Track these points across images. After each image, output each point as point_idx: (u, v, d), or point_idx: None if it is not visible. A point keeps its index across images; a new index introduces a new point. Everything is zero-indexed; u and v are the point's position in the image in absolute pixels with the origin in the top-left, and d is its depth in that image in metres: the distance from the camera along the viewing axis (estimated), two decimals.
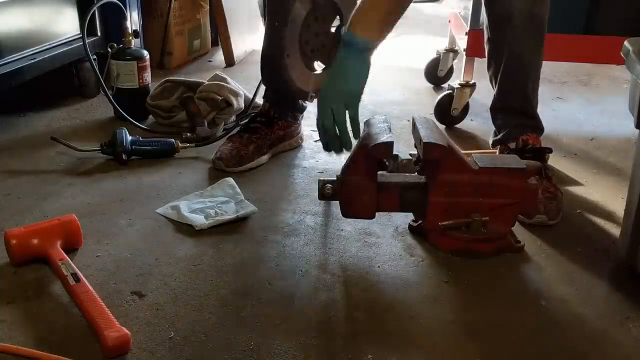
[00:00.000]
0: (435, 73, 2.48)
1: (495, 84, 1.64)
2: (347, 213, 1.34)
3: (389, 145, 1.23)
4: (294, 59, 1.60)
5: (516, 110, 1.62)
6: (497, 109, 1.66)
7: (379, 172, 1.31)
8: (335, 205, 1.38)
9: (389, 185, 1.31)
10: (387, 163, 1.32)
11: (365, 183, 1.28)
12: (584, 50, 1.96)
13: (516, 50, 1.56)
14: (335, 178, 1.32)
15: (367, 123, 1.35)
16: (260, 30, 2.94)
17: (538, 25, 1.55)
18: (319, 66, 1.68)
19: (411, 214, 1.40)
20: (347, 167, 1.30)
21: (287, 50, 1.57)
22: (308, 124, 1.90)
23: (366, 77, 1.31)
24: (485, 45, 1.65)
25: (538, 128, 1.63)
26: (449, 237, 1.29)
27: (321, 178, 1.34)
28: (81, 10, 2.08)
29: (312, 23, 1.63)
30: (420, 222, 1.36)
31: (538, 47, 1.58)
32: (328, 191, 1.32)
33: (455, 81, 2.04)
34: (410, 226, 1.39)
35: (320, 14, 1.63)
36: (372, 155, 1.26)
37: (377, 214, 1.34)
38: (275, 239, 1.33)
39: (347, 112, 1.32)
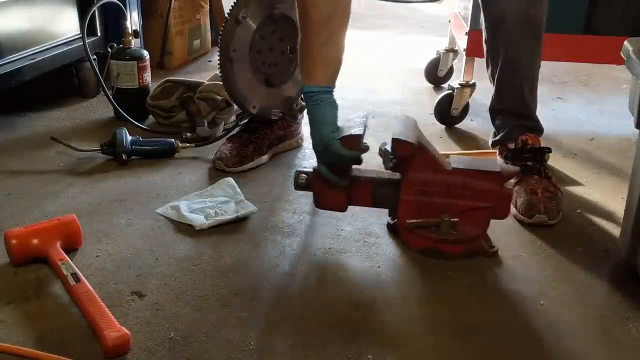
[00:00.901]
0: (435, 73, 2.48)
1: (493, 84, 1.64)
2: (319, 204, 1.35)
3: (357, 137, 1.24)
4: (242, 60, 1.60)
5: (513, 112, 1.62)
6: (496, 110, 1.66)
7: (354, 167, 1.32)
8: None
9: (362, 179, 1.32)
10: (360, 157, 1.33)
11: (337, 176, 1.29)
12: (584, 50, 1.96)
13: (511, 53, 1.56)
14: (312, 169, 1.33)
15: (347, 118, 1.36)
16: None
17: (534, 27, 1.54)
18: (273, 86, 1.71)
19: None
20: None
21: (234, 46, 1.58)
22: (308, 123, 1.90)
23: (331, 117, 1.27)
24: (483, 44, 1.65)
25: (537, 129, 1.62)
26: (417, 235, 1.29)
27: (298, 169, 1.37)
28: (81, 10, 2.08)
29: (268, 35, 1.64)
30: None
31: (534, 49, 1.57)
32: (302, 181, 1.35)
33: (455, 81, 2.04)
34: (388, 224, 1.39)
35: (278, 28, 1.64)
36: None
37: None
38: (275, 239, 1.33)
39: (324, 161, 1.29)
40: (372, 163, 1.41)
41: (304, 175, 1.34)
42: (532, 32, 1.54)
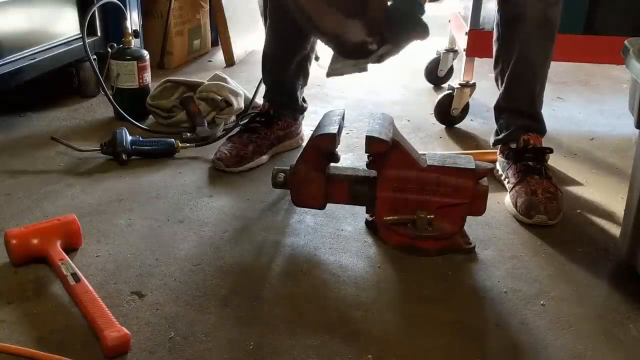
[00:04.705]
0: (435, 73, 2.48)
1: (502, 83, 1.63)
2: (297, 202, 1.35)
3: (332, 136, 1.25)
4: None
5: (521, 111, 1.61)
6: (502, 109, 1.66)
7: (332, 165, 1.33)
8: (336, 206, 1.38)
9: (339, 177, 1.32)
10: (337, 155, 1.33)
11: (313, 173, 1.30)
12: (584, 50, 1.95)
13: (526, 52, 1.56)
14: (289, 167, 1.34)
15: (324, 116, 1.36)
16: (260, 30, 2.94)
17: (550, 27, 1.55)
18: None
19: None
20: (299, 157, 1.33)
21: None
22: (308, 124, 1.90)
23: None
24: (493, 43, 1.64)
25: (541, 130, 1.62)
26: (394, 232, 1.29)
27: (276, 167, 1.37)
28: (81, 10, 2.08)
29: None
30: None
31: (548, 49, 1.57)
32: (280, 179, 1.35)
33: (455, 81, 2.04)
34: (366, 221, 1.39)
35: None
36: (317, 146, 1.28)
37: None
38: (275, 239, 1.33)
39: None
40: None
41: (282, 173, 1.35)
42: (548, 33, 1.55)
